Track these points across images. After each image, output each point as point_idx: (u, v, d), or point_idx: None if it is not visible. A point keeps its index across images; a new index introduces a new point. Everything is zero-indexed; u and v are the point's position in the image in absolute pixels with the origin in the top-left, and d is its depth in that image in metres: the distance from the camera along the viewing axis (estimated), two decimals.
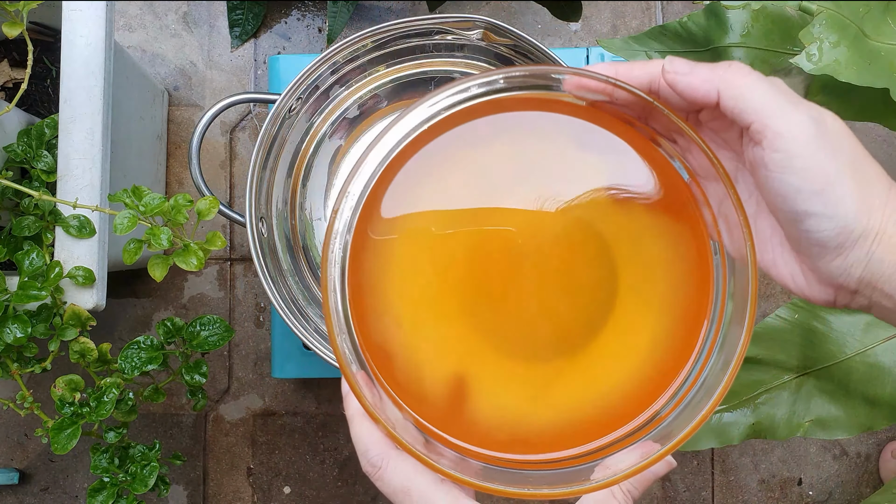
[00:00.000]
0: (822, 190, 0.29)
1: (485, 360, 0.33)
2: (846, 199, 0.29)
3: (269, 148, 0.65)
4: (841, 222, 0.29)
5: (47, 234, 0.63)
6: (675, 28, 0.61)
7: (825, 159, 0.29)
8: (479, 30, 0.63)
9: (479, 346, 0.33)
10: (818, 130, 0.29)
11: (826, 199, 0.29)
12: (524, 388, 0.33)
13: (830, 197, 0.29)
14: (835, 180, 0.29)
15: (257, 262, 0.61)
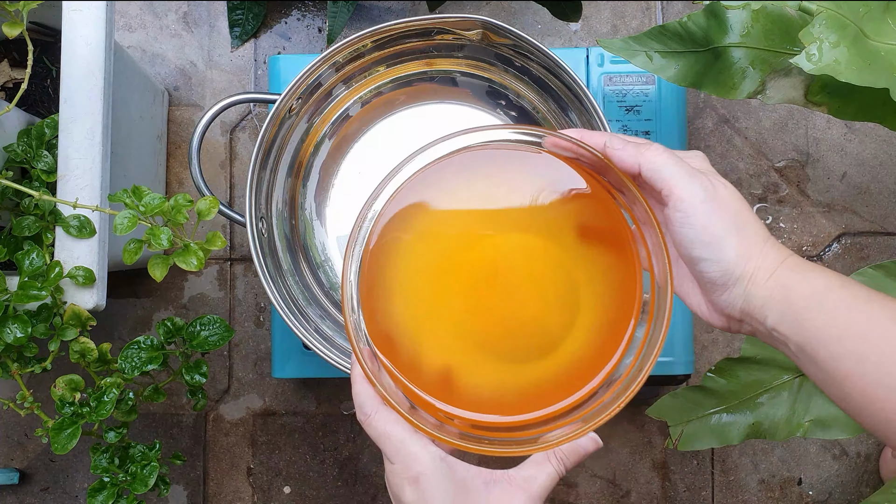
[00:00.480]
0: (710, 242, 0.38)
1: (466, 353, 0.43)
2: (728, 249, 0.38)
3: (269, 148, 0.65)
4: (724, 266, 0.38)
5: (47, 234, 0.63)
6: (675, 28, 0.61)
7: (714, 219, 0.38)
8: (479, 30, 0.63)
9: (464, 347, 0.43)
10: (709, 196, 0.38)
11: (713, 249, 0.38)
12: (497, 374, 0.43)
13: (716, 247, 0.38)
14: (720, 235, 0.38)
15: (257, 261, 0.61)
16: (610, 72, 0.74)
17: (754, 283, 0.38)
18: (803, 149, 0.87)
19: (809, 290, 0.37)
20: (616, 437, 0.86)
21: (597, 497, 0.86)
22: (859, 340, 0.35)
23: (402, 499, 0.40)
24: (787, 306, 0.37)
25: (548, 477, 0.41)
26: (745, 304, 0.39)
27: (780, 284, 0.38)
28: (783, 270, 0.38)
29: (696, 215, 0.38)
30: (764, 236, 0.39)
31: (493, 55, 0.67)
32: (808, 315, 0.37)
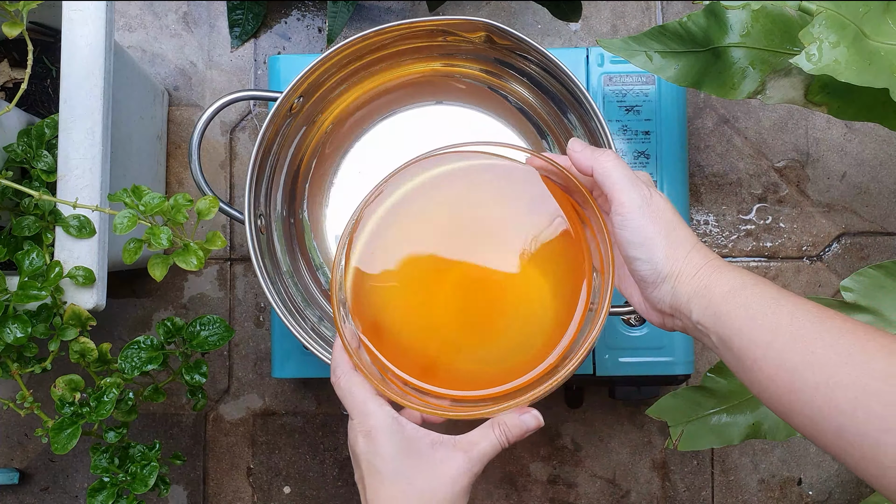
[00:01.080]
0: (642, 243, 0.44)
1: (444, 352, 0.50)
2: (657, 251, 0.44)
3: (269, 147, 0.65)
4: (653, 266, 0.44)
5: (47, 234, 0.63)
6: (675, 28, 0.61)
7: (647, 223, 0.44)
8: (479, 31, 0.63)
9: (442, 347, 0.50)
10: (645, 203, 0.45)
11: (645, 250, 0.44)
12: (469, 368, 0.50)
13: (648, 248, 0.44)
14: (652, 238, 0.44)
15: (256, 262, 0.61)
16: (610, 72, 0.74)
17: (680, 281, 0.44)
18: (803, 149, 0.87)
19: (727, 287, 0.42)
20: (616, 437, 0.86)
21: (596, 497, 0.86)
22: (766, 331, 0.40)
23: (355, 449, 0.45)
24: (707, 301, 0.43)
25: (490, 444, 0.45)
26: (673, 300, 0.44)
27: (703, 283, 0.43)
28: (706, 270, 0.44)
29: (632, 219, 0.44)
30: (692, 242, 0.45)
31: (492, 56, 0.67)
32: (725, 309, 0.42)
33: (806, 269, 0.86)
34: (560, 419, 0.87)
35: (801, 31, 0.55)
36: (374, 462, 0.44)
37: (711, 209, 0.87)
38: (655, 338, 0.73)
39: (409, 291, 0.50)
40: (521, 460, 0.87)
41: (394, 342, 0.50)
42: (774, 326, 0.40)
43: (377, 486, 0.44)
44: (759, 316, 0.41)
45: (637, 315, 0.73)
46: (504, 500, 0.87)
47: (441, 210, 0.51)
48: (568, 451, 0.87)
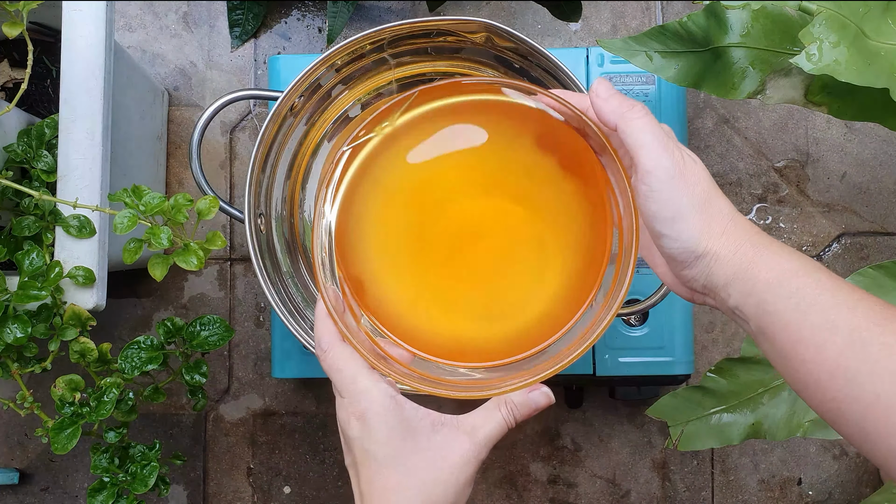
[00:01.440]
0: (672, 218, 0.38)
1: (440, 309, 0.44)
2: (690, 227, 0.38)
3: (269, 147, 0.65)
4: (684, 245, 0.38)
5: (47, 234, 0.63)
6: (675, 28, 0.61)
7: (678, 196, 0.38)
8: (480, 31, 0.63)
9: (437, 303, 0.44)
10: (677, 172, 0.38)
11: (674, 226, 0.38)
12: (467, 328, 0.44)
13: (678, 224, 0.38)
14: (684, 213, 0.38)
15: (256, 262, 0.61)
16: (610, 72, 0.74)
17: (717, 262, 0.38)
18: (803, 149, 0.87)
19: (773, 273, 0.37)
20: (616, 437, 0.86)
21: (596, 497, 0.86)
22: (820, 330, 0.35)
23: (347, 433, 0.40)
24: (750, 287, 0.37)
25: (496, 425, 0.41)
26: (707, 281, 0.39)
27: (744, 265, 0.38)
28: (747, 248, 0.38)
29: (661, 190, 0.38)
30: (730, 215, 0.39)
31: (493, 56, 0.67)
32: (771, 299, 0.36)
33: None
34: (560, 419, 0.87)
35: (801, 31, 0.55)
36: (369, 447, 0.39)
37: None
38: (655, 338, 0.73)
39: (402, 245, 0.44)
40: (521, 460, 0.87)
41: (384, 304, 0.43)
42: (831, 325, 0.35)
43: (371, 475, 0.39)
44: (813, 311, 0.35)
45: (637, 315, 0.73)
46: (504, 500, 0.87)
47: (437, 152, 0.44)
48: (568, 451, 0.87)
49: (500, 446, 0.87)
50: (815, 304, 0.35)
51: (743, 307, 0.38)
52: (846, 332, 0.34)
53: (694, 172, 0.39)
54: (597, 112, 0.40)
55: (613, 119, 0.39)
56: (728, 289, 0.38)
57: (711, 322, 0.87)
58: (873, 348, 0.34)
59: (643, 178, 0.38)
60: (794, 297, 0.36)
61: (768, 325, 0.37)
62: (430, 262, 0.44)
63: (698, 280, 0.39)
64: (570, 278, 0.43)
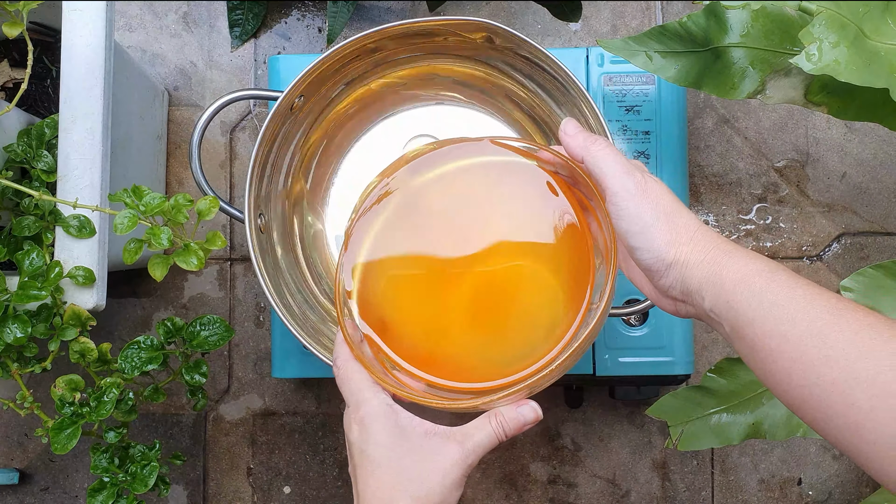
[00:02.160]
0: (640, 231, 0.43)
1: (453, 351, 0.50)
2: (658, 238, 0.42)
3: (269, 147, 0.65)
4: (655, 254, 0.43)
5: (47, 234, 0.63)
6: (675, 28, 0.61)
7: (643, 211, 0.43)
8: (480, 31, 0.63)
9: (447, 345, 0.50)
10: (639, 190, 0.43)
11: (643, 238, 0.43)
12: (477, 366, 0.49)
13: (646, 236, 0.42)
14: (650, 225, 0.42)
15: (256, 262, 0.61)
16: (610, 72, 0.74)
17: (688, 268, 0.42)
18: (803, 149, 0.87)
19: (738, 274, 0.40)
20: (616, 437, 0.86)
21: (596, 497, 0.86)
22: (780, 322, 0.38)
23: (350, 437, 0.44)
24: (719, 289, 0.41)
25: (486, 436, 0.44)
26: (683, 287, 0.42)
27: (713, 269, 0.41)
28: (715, 255, 0.42)
29: (627, 207, 0.43)
30: (695, 226, 0.43)
31: (493, 56, 0.67)
32: (737, 298, 0.40)
33: (806, 269, 0.86)
34: (560, 419, 0.87)
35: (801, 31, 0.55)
36: (366, 450, 0.43)
37: (711, 209, 0.87)
38: (655, 338, 0.73)
39: (417, 290, 0.50)
40: (521, 460, 0.87)
41: (399, 339, 0.49)
42: (790, 318, 0.38)
43: (366, 476, 0.43)
44: (773, 306, 0.39)
45: (637, 315, 0.73)
46: (504, 501, 0.87)
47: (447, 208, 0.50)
48: (568, 451, 0.87)
49: (500, 446, 0.87)
50: (776, 300, 0.39)
51: (716, 309, 0.41)
52: (804, 323, 0.38)
53: (656, 190, 0.43)
54: (566, 148, 0.46)
55: (580, 153, 0.45)
56: (702, 292, 0.41)
57: None
58: (829, 337, 0.37)
59: (611, 200, 0.43)
60: (758, 295, 0.39)
61: (738, 323, 0.40)
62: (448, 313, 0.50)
63: (675, 287, 0.43)
64: (567, 316, 0.48)
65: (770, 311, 0.39)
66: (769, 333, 0.39)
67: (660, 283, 0.44)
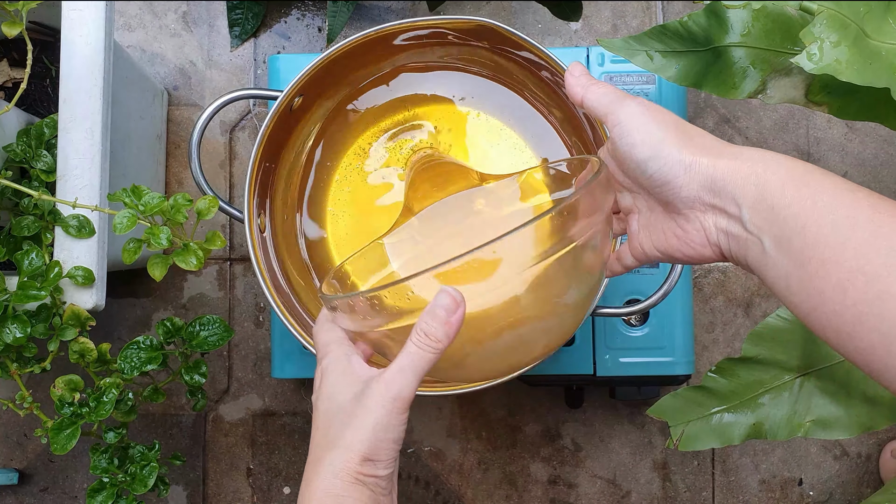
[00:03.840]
0: (648, 141, 0.39)
1: None
2: (670, 143, 0.38)
3: (268, 147, 0.65)
4: (668, 158, 0.38)
5: (47, 233, 0.63)
6: (676, 27, 0.61)
7: (649, 121, 0.39)
8: (480, 31, 0.63)
9: None
10: (645, 109, 0.40)
11: (653, 145, 0.39)
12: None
13: (658, 145, 0.39)
14: (661, 135, 0.39)
15: (255, 262, 0.61)
16: (610, 71, 0.74)
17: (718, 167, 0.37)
18: (804, 148, 0.87)
19: (786, 174, 0.35)
20: (616, 438, 0.86)
21: (597, 497, 0.86)
22: (840, 227, 0.33)
23: (315, 384, 0.43)
24: (761, 191, 0.35)
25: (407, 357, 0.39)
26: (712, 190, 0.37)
27: (751, 167, 0.36)
28: (751, 153, 0.37)
29: (631, 122, 0.40)
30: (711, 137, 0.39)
31: (493, 56, 0.67)
32: (786, 201, 0.35)
33: None
34: (560, 419, 0.86)
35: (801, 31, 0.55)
36: (317, 401, 0.42)
37: None
38: (655, 338, 0.73)
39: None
40: (521, 460, 0.87)
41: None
42: (852, 223, 0.33)
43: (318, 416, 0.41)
44: (832, 209, 0.33)
45: (637, 315, 0.73)
46: (504, 501, 0.87)
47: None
48: (568, 452, 0.86)
49: (501, 446, 0.87)
50: (835, 202, 0.34)
51: (755, 217, 0.36)
52: (868, 228, 0.33)
53: (660, 109, 0.40)
54: (567, 88, 0.44)
55: (580, 91, 0.43)
56: (737, 196, 0.36)
57: (712, 322, 0.87)
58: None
59: (615, 123, 0.40)
60: (811, 196, 0.34)
61: (784, 231, 0.35)
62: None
63: (703, 195, 0.38)
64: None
65: (827, 214, 0.33)
66: (825, 240, 0.33)
67: (682, 196, 0.38)
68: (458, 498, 0.87)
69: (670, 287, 0.62)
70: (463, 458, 0.87)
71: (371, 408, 0.39)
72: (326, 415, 0.41)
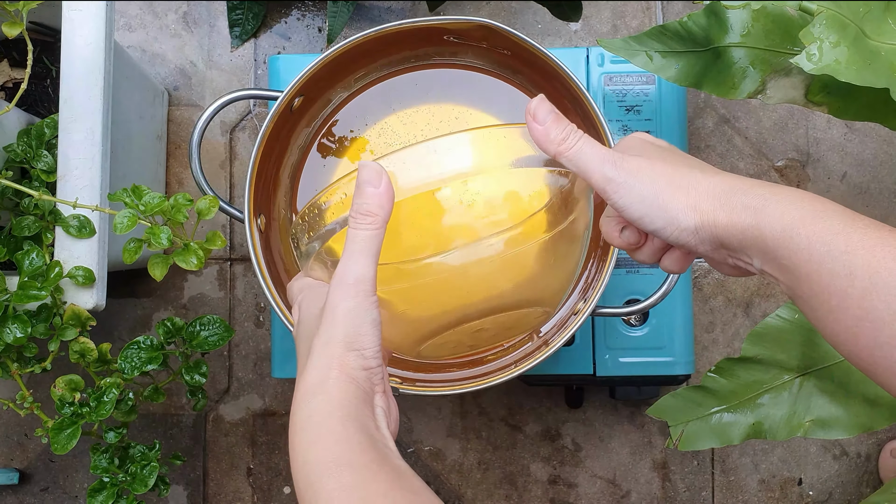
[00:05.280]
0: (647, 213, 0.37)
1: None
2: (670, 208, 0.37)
3: (268, 147, 0.65)
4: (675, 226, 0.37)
5: (47, 233, 0.63)
6: (676, 28, 0.61)
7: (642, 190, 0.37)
8: (480, 31, 0.63)
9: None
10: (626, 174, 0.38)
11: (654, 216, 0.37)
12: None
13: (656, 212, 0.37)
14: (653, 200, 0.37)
15: (255, 262, 0.61)
16: (610, 72, 0.74)
17: (718, 228, 0.37)
18: (804, 149, 0.87)
19: (779, 228, 0.35)
20: (616, 438, 0.86)
21: (597, 497, 0.86)
22: (838, 277, 0.34)
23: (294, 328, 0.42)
24: (763, 249, 0.36)
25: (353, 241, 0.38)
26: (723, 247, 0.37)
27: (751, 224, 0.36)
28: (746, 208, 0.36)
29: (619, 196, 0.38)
30: (709, 178, 0.38)
31: (493, 56, 0.67)
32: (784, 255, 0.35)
33: None
34: (560, 419, 0.86)
35: (801, 31, 0.55)
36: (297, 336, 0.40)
37: None
38: (655, 338, 0.73)
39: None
40: (521, 460, 0.87)
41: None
42: (848, 271, 0.33)
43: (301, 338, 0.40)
44: (828, 259, 0.34)
45: (637, 315, 0.73)
46: (504, 501, 0.87)
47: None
48: (568, 452, 0.87)
49: (501, 446, 0.87)
50: (829, 251, 0.34)
51: (767, 269, 0.36)
52: (865, 276, 0.33)
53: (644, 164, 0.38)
54: (535, 139, 0.40)
55: (553, 150, 0.39)
56: (746, 252, 0.37)
57: (711, 322, 0.87)
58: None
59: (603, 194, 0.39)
60: (807, 249, 0.34)
61: (791, 281, 0.35)
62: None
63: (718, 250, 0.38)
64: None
65: (824, 264, 0.34)
66: (827, 289, 0.34)
67: (700, 251, 0.39)
68: (458, 498, 0.87)
69: (670, 287, 0.62)
70: (463, 458, 0.87)
71: (337, 301, 0.37)
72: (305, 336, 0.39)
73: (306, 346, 0.38)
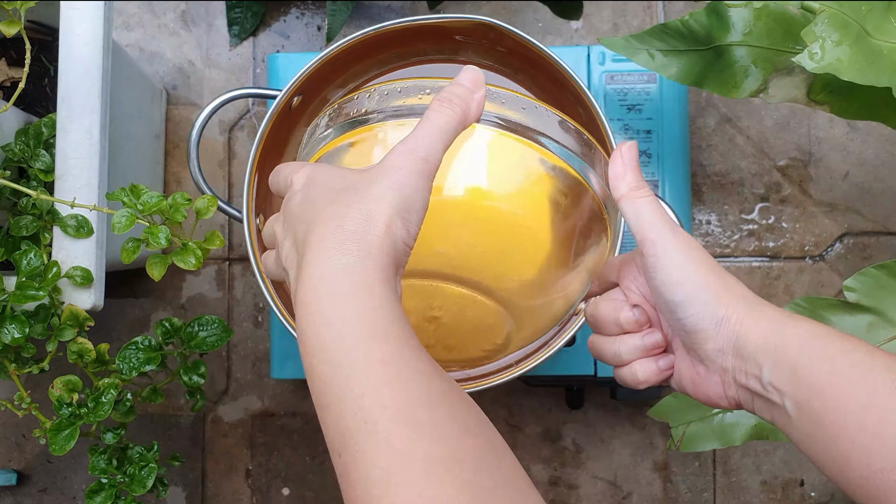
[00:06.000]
0: (683, 283, 0.37)
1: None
2: (706, 291, 0.37)
3: (267, 146, 0.64)
4: (703, 308, 0.37)
5: (45, 233, 0.63)
6: (677, 26, 0.61)
7: (688, 263, 0.37)
8: (480, 30, 0.63)
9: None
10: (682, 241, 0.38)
11: (688, 291, 0.37)
12: None
13: (692, 289, 0.37)
14: (694, 278, 0.37)
15: (255, 262, 0.61)
16: (611, 70, 0.74)
17: (743, 326, 0.36)
18: (805, 148, 0.87)
19: (806, 334, 0.35)
20: (617, 439, 0.86)
21: (598, 499, 0.86)
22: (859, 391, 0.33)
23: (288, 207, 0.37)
24: (782, 353, 0.35)
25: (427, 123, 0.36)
26: (736, 350, 0.37)
27: (774, 328, 0.36)
28: (775, 314, 0.36)
29: (667, 256, 0.37)
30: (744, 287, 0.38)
31: (493, 55, 0.67)
32: (806, 362, 0.34)
33: (808, 269, 0.86)
34: (561, 420, 0.86)
35: (803, 30, 0.55)
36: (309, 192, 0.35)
37: (713, 209, 0.86)
38: None
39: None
40: (521, 461, 0.86)
41: None
42: (870, 386, 0.33)
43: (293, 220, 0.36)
44: (849, 371, 0.33)
45: None
46: None
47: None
48: (569, 453, 0.86)
49: None
50: (851, 364, 0.34)
51: (775, 380, 0.35)
52: (886, 391, 0.32)
53: (699, 246, 0.38)
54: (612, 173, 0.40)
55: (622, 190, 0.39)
56: (759, 357, 0.36)
57: None
58: None
59: (649, 250, 0.38)
60: (831, 359, 0.34)
61: (804, 395, 0.34)
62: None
63: (726, 352, 0.37)
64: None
65: (844, 376, 0.33)
66: (844, 405, 0.33)
67: (707, 348, 0.37)
68: None
69: None
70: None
71: (399, 164, 0.33)
72: (316, 198, 0.34)
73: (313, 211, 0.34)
